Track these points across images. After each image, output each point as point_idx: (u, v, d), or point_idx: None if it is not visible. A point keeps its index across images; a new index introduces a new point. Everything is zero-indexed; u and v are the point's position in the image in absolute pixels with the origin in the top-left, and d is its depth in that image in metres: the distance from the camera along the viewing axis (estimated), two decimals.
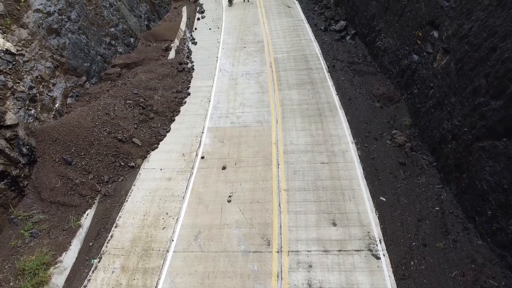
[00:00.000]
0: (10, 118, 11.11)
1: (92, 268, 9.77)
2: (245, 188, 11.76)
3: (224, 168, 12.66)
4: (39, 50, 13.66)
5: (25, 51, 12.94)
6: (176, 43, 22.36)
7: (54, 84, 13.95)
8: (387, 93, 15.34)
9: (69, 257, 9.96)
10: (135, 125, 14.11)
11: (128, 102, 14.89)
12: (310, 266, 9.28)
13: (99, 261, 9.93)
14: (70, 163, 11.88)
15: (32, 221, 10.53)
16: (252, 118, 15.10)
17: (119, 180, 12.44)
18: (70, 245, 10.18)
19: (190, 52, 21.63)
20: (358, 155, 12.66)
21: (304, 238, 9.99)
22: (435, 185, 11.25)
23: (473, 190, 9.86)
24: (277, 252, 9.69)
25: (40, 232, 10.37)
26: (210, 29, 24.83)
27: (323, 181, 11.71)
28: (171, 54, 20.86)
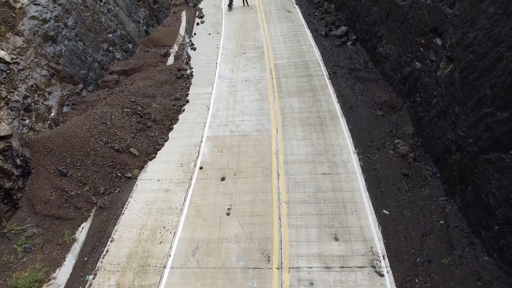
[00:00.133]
0: (3, 128, 10.85)
1: (86, 285, 9.46)
2: (245, 200, 11.47)
3: (223, 179, 12.37)
4: (35, 58, 13.42)
5: (20, 59, 12.70)
6: (175, 48, 22.13)
7: (49, 93, 13.70)
8: (389, 101, 15.07)
9: (63, 273, 9.66)
10: (133, 134, 13.84)
11: (125, 110, 14.63)
12: (311, 283, 8.97)
13: (93, 277, 9.63)
14: (66, 174, 11.61)
15: (25, 235, 10.25)
16: (251, 126, 14.82)
17: (116, 191, 12.16)
18: (64, 260, 9.89)
19: (189, 58, 21.38)
20: (360, 165, 12.38)
21: (305, 253, 9.69)
22: (439, 197, 10.97)
23: (478, 204, 9.57)
24: (278, 268, 9.39)
25: (33, 247, 10.09)
26: (209, 34, 24.60)
27: (324, 193, 11.43)
28: (170, 60, 20.63)
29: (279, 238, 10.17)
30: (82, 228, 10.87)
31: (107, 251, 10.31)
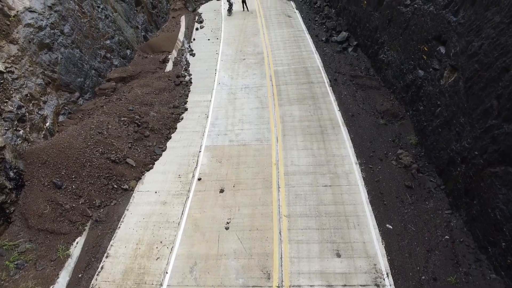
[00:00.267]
0: None
1: None
2: (244, 214, 11.16)
3: (222, 191, 12.07)
4: (30, 66, 13.15)
5: (15, 68, 12.43)
6: (174, 54, 21.87)
7: (45, 102, 13.41)
8: (391, 109, 14.77)
9: None
10: (129, 144, 13.54)
11: (122, 119, 14.34)
12: None
13: None
14: (60, 187, 11.31)
15: (18, 251, 9.94)
16: (251, 135, 14.53)
17: (112, 204, 11.85)
18: (58, 277, 9.57)
19: (188, 64, 21.12)
20: (363, 177, 12.07)
21: (306, 270, 9.37)
22: (444, 210, 10.66)
23: (485, 219, 9.26)
24: (278, 286, 9.05)
25: (26, 263, 9.78)
26: (209, 39, 24.35)
27: (326, 206, 11.11)
28: (169, 66, 20.37)
29: (279, 254, 9.85)
30: (77, 243, 10.56)
31: (102, 268, 9.99)
